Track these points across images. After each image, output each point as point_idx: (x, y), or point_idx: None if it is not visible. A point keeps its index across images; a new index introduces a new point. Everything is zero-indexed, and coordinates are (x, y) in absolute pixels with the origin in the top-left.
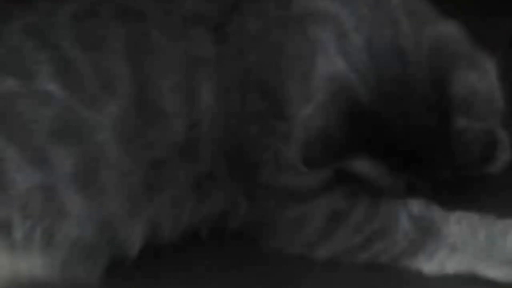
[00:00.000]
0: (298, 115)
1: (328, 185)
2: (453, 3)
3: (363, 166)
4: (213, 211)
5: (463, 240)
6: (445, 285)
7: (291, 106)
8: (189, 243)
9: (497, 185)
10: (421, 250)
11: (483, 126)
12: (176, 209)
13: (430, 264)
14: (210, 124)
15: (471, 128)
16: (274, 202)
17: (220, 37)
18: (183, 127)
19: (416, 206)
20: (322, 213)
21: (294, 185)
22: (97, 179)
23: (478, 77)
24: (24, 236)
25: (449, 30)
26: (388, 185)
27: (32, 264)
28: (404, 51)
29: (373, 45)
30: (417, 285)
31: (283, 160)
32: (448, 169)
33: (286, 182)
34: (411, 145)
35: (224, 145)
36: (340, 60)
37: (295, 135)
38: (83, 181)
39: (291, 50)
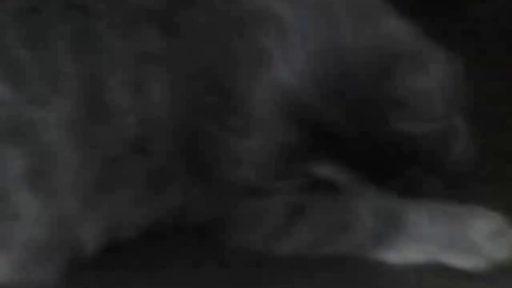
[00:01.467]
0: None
1: (286, 179)
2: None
3: (324, 169)
4: (170, 207)
5: (426, 229)
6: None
7: (243, 102)
8: (149, 240)
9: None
10: (383, 241)
11: (419, 128)
12: (132, 206)
13: (394, 255)
14: (162, 119)
15: (407, 130)
16: (231, 197)
17: (169, 31)
18: (134, 123)
19: (375, 196)
20: (280, 208)
21: (250, 180)
22: (48, 178)
23: (420, 78)
24: None
25: (394, 27)
26: (351, 184)
27: None
28: (346, 52)
29: (314, 48)
30: (383, 276)
31: (238, 155)
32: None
33: (242, 177)
34: (361, 145)
35: (178, 140)
36: (288, 72)
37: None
38: (34, 182)
39: (240, 53)
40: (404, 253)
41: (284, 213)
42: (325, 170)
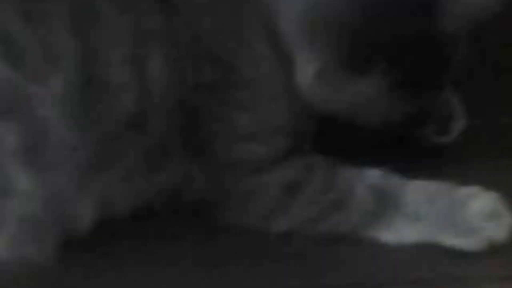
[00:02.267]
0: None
1: (283, 157)
2: None
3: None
4: (166, 184)
5: (423, 209)
6: (409, 254)
7: (246, 72)
8: (144, 217)
9: (457, 153)
10: (379, 220)
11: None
12: (127, 183)
13: (389, 234)
14: (160, 96)
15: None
16: (228, 174)
17: (168, 7)
18: (132, 99)
19: (373, 175)
20: (277, 185)
21: (249, 156)
22: (43, 154)
23: None
24: None
25: None
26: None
27: None
28: None
29: None
30: (378, 255)
31: (236, 130)
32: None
33: (240, 153)
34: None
35: (176, 117)
36: None
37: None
38: (29, 157)
39: (246, 16)
40: (400, 232)
41: (281, 190)
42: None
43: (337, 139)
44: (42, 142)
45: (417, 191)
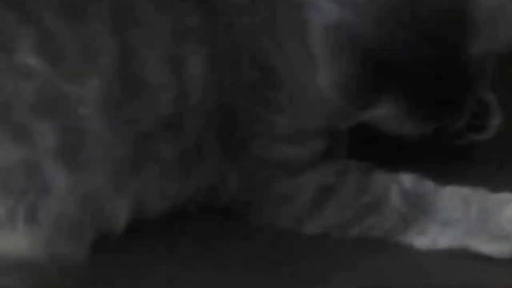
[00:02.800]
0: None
1: (319, 160)
2: None
3: (389, 109)
4: (201, 186)
5: (456, 215)
6: (436, 260)
7: (284, 74)
8: (176, 219)
9: (491, 159)
10: (412, 225)
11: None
12: (162, 184)
13: (422, 239)
14: (198, 96)
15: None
16: (265, 175)
17: (208, 8)
18: (170, 100)
19: (407, 180)
20: (312, 188)
21: (285, 157)
22: (81, 153)
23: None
24: (7, 214)
25: None
26: (407, 133)
27: (17, 242)
28: None
29: None
30: (409, 260)
31: (275, 131)
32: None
33: (277, 155)
34: (429, 79)
35: (213, 118)
36: (333, 5)
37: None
38: (66, 156)
39: (281, 16)
40: (433, 238)
41: (315, 193)
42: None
43: (371, 143)
44: (79, 141)
45: (450, 197)
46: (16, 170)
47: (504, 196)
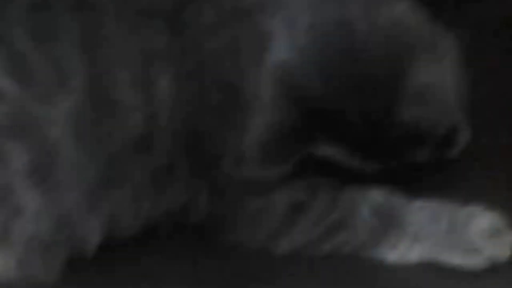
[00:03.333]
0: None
1: (288, 178)
2: None
3: (326, 150)
4: (173, 205)
5: (425, 228)
6: (408, 273)
7: (249, 97)
8: (149, 238)
9: (459, 172)
10: (383, 240)
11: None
12: (134, 203)
13: (393, 254)
14: (167, 116)
15: (415, 120)
16: (234, 195)
17: (175, 29)
18: (140, 120)
19: (377, 196)
20: (282, 206)
21: (254, 177)
22: (52, 174)
23: (437, 70)
24: None
25: (407, 12)
26: (356, 168)
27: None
28: (354, 30)
29: (322, 29)
30: (382, 274)
31: (242, 152)
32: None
33: (245, 175)
34: (363, 130)
35: (183, 138)
36: (289, 49)
37: (252, 134)
38: (38, 177)
39: (244, 42)
40: (404, 252)
41: (285, 211)
42: (335, 156)
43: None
44: (51, 162)
45: (420, 211)
46: None
47: (473, 209)
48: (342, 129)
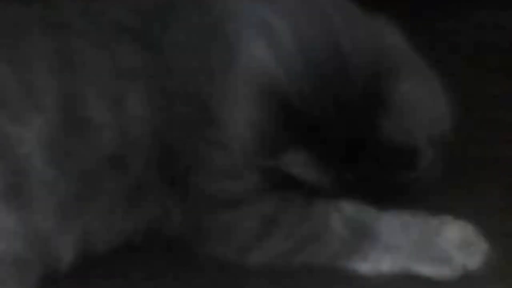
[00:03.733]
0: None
1: (259, 191)
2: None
3: (295, 162)
4: (146, 219)
5: (397, 239)
6: (383, 282)
7: (219, 111)
8: (123, 251)
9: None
10: (355, 251)
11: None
12: (108, 219)
13: (365, 265)
14: (139, 133)
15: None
16: (206, 208)
17: (146, 47)
18: (111, 137)
19: (348, 207)
20: (253, 219)
21: (224, 190)
22: (24, 192)
23: (418, 87)
24: None
25: (389, 34)
26: (321, 183)
27: None
28: (339, 45)
29: (303, 38)
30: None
31: (212, 166)
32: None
33: (216, 188)
34: (340, 140)
35: (154, 153)
36: (264, 54)
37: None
38: (10, 195)
39: (213, 54)
40: (376, 263)
41: (257, 224)
42: (304, 169)
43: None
44: (23, 180)
45: (391, 222)
46: None
47: (443, 218)
48: (319, 142)
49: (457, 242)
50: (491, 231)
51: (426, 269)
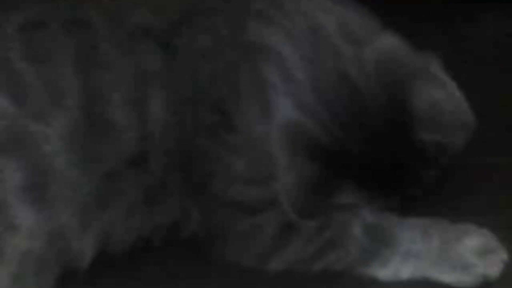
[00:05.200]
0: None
1: (276, 198)
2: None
3: (348, 197)
4: (164, 221)
5: (417, 246)
6: None
7: (245, 121)
8: (140, 252)
9: (450, 190)
10: (375, 258)
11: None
12: (127, 220)
13: (384, 271)
14: (160, 136)
15: (434, 142)
16: (225, 214)
17: (169, 51)
18: (133, 139)
19: (368, 214)
20: (273, 225)
21: (244, 198)
22: (47, 191)
23: (438, 89)
24: None
25: (393, 43)
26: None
27: None
28: (348, 76)
29: (318, 80)
30: None
31: (232, 173)
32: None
33: (236, 195)
34: (382, 165)
35: (175, 157)
36: (290, 104)
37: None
38: (33, 194)
39: (244, 80)
40: (396, 270)
41: (277, 230)
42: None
43: None
44: (45, 179)
45: (411, 229)
46: None
47: (463, 226)
48: (362, 171)
49: (477, 250)
50: (511, 240)
51: (446, 277)
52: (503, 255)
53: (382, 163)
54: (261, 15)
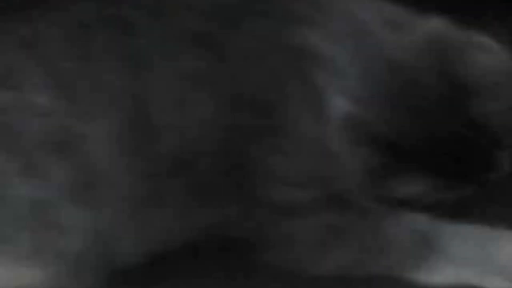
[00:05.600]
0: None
1: (322, 201)
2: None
3: (415, 187)
4: (208, 223)
5: (462, 252)
6: None
7: (296, 125)
8: (184, 254)
9: (495, 196)
10: (421, 263)
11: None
12: (172, 221)
13: (428, 276)
14: (206, 139)
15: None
16: (268, 216)
17: (217, 55)
18: (176, 140)
19: (415, 219)
20: (318, 229)
21: (287, 200)
22: (93, 192)
23: (490, 57)
24: (26, 249)
25: (441, 23)
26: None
27: (35, 276)
28: (396, 63)
29: (368, 72)
30: None
31: (276, 175)
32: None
33: (279, 197)
34: (448, 149)
35: (220, 159)
36: (344, 101)
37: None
38: (79, 194)
39: (292, 85)
40: (439, 274)
41: (322, 234)
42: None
43: None
44: (92, 179)
45: (458, 235)
46: (29, 206)
47: (506, 233)
48: (428, 159)
49: None
50: None
51: (489, 283)
52: None
53: (446, 146)
54: (304, 18)
